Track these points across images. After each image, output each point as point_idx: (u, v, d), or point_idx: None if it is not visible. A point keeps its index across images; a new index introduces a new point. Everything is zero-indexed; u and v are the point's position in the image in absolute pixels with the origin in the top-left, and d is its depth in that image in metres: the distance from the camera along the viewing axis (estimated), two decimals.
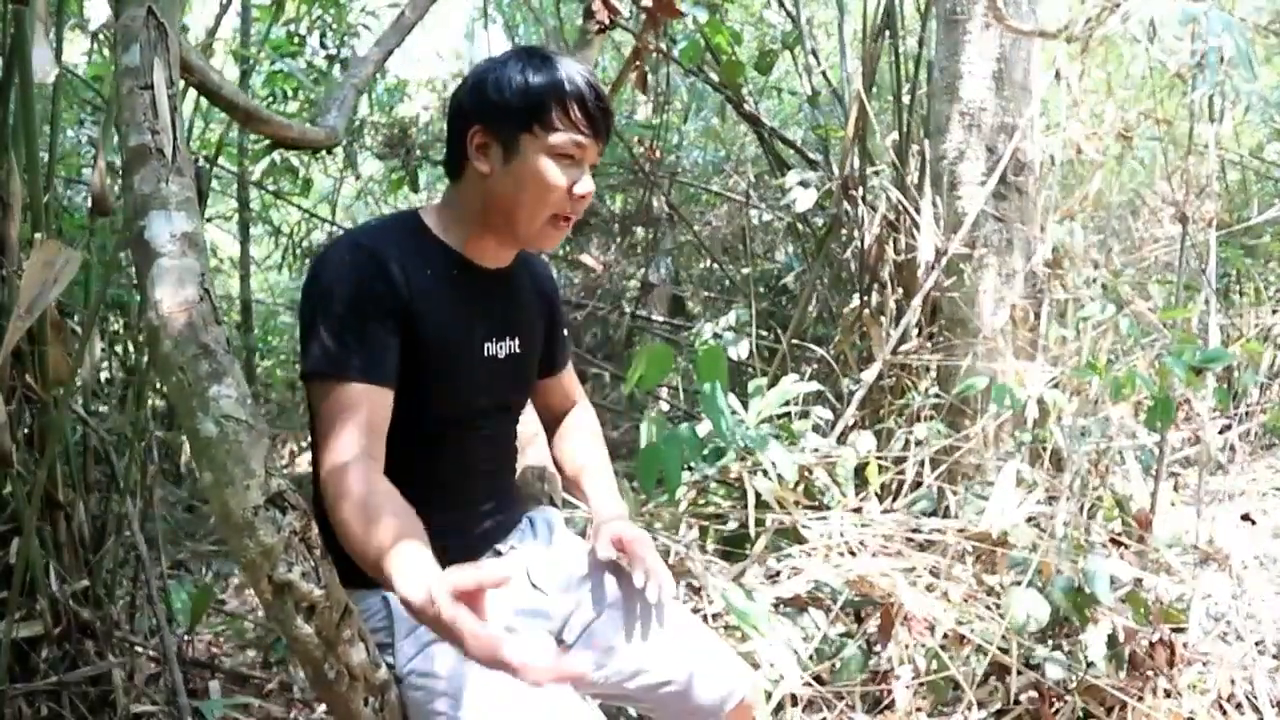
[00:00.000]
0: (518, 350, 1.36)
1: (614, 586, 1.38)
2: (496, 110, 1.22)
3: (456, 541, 1.25)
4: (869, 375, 2.92)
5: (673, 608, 1.40)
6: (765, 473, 2.18)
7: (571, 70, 1.23)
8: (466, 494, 1.33)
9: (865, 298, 3.40)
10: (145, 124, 1.07)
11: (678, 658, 1.34)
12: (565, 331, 1.56)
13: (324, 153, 5.16)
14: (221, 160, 4.15)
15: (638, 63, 2.02)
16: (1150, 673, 2.01)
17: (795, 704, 1.98)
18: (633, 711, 1.83)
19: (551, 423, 1.58)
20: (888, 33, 3.51)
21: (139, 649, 2.16)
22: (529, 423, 1.60)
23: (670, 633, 1.35)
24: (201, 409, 1.00)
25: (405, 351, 1.19)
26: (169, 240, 1.04)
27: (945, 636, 2.02)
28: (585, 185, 1.23)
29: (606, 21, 1.88)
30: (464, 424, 1.30)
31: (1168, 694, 1.99)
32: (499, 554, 1.36)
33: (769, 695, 1.95)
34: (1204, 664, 2.08)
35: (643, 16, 2.02)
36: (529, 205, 1.23)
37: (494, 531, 1.37)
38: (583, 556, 1.41)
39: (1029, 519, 2.23)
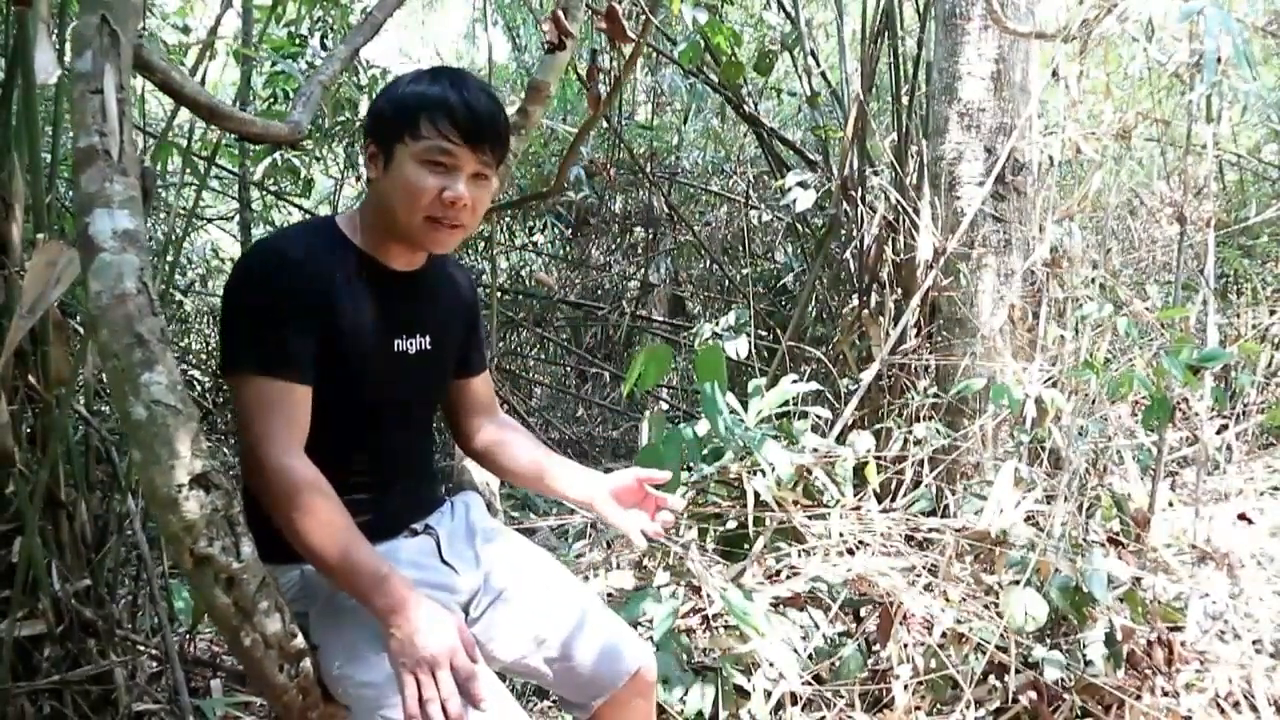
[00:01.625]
0: (429, 347, 1.45)
1: (519, 564, 1.49)
2: (380, 123, 1.34)
3: (374, 519, 1.37)
4: (868, 375, 2.93)
5: (573, 587, 1.50)
6: (764, 472, 2.19)
7: (452, 85, 1.32)
8: (384, 476, 1.43)
9: (864, 298, 3.40)
10: (94, 126, 1.12)
11: (575, 632, 1.42)
12: (484, 338, 1.66)
13: (325, 153, 5.17)
14: (222, 160, 4.15)
15: (591, 84, 2.08)
16: (1148, 671, 2.02)
17: (794, 703, 1.99)
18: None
19: (467, 425, 1.63)
20: (887, 34, 3.52)
21: (141, 648, 2.16)
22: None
23: (570, 609, 1.45)
24: (133, 394, 1.08)
25: (322, 347, 1.30)
26: (110, 237, 1.11)
27: (944, 635, 2.03)
28: (454, 191, 1.30)
29: (556, 41, 1.95)
30: (379, 413, 1.41)
31: (1166, 693, 2.00)
32: (414, 532, 1.45)
33: (769, 694, 1.96)
34: (1202, 663, 2.09)
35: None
36: (402, 209, 1.32)
37: (410, 511, 1.47)
38: (493, 535, 1.52)
39: (1027, 518, 2.24)
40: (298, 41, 4.14)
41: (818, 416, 2.65)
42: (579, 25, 1.99)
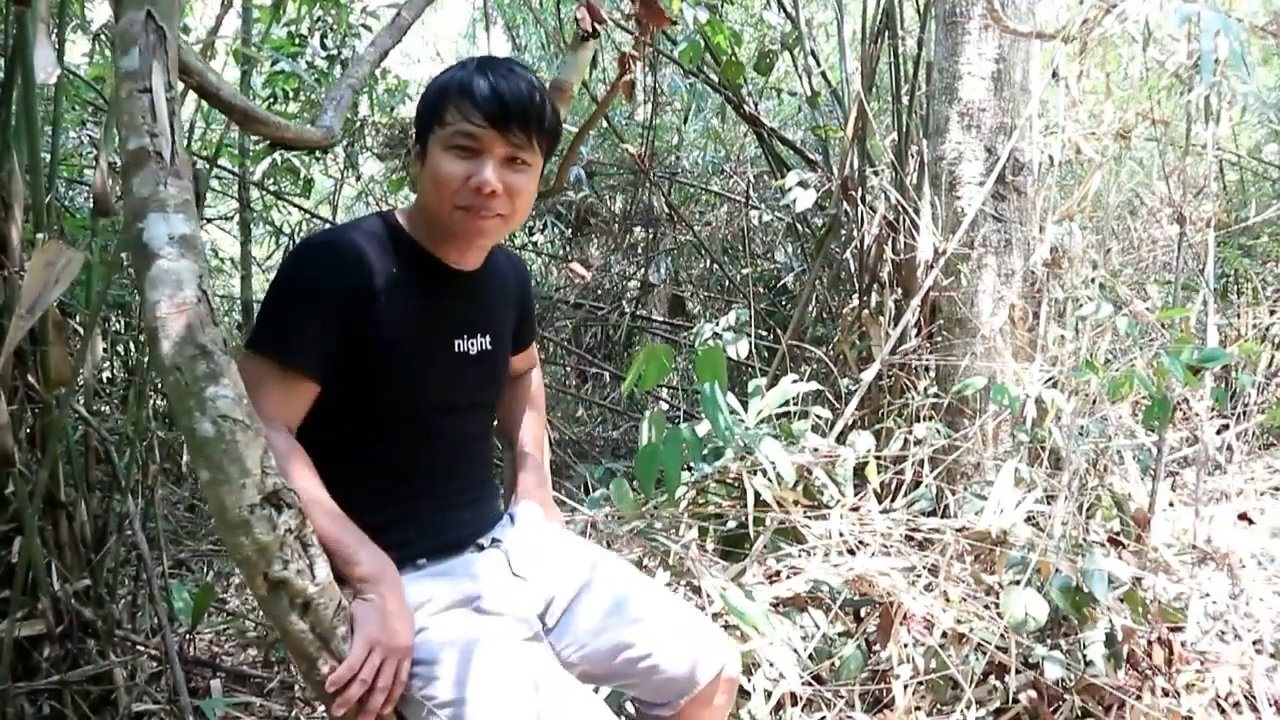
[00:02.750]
0: (489, 347, 1.42)
1: (592, 569, 1.45)
2: (418, 119, 1.33)
3: (436, 536, 1.36)
4: (868, 375, 2.93)
5: (649, 586, 1.48)
6: (764, 472, 2.19)
7: (476, 69, 1.28)
8: (444, 488, 1.39)
9: (864, 298, 3.40)
10: (144, 127, 1.08)
11: (657, 632, 1.39)
12: (533, 315, 1.67)
13: (325, 153, 5.17)
14: (222, 160, 4.15)
15: (626, 72, 2.05)
16: (1149, 672, 2.02)
17: (795, 703, 1.99)
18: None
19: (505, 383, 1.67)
20: (887, 34, 3.52)
21: (140, 648, 2.16)
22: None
23: (649, 608, 1.41)
24: (199, 409, 1.03)
25: (364, 348, 1.27)
26: (167, 243, 1.06)
27: (944, 635, 2.03)
28: (480, 177, 1.25)
29: (590, 29, 1.92)
30: (443, 417, 1.37)
31: (1166, 693, 2.00)
32: (481, 548, 1.41)
33: (769, 695, 1.96)
34: (1202, 663, 2.09)
35: (633, 22, 2.04)
36: (433, 199, 1.29)
37: (474, 525, 1.43)
38: (561, 543, 1.49)
39: (1027, 518, 2.24)
40: (298, 41, 4.14)
41: (818, 416, 2.65)
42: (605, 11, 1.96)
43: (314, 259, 1.27)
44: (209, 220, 5.48)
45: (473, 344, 1.39)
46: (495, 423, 1.66)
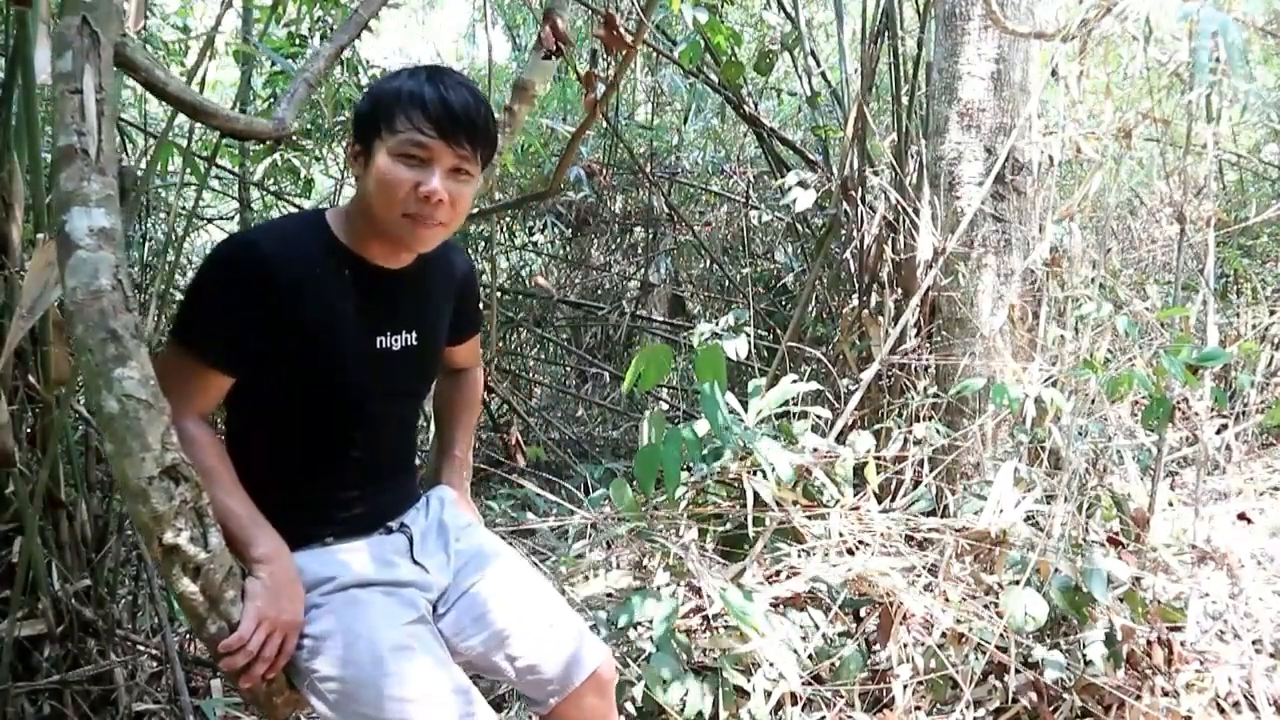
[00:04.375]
0: (415, 343, 1.46)
1: (488, 562, 1.51)
2: (360, 120, 1.35)
3: (347, 517, 1.43)
4: (868, 375, 2.93)
5: (537, 586, 1.53)
6: (764, 472, 2.19)
7: (427, 79, 1.32)
8: (359, 473, 1.44)
9: (864, 298, 3.40)
10: (73, 126, 1.15)
11: (532, 631, 1.45)
12: (479, 305, 1.72)
13: (325, 153, 5.17)
14: (222, 160, 4.15)
15: (589, 90, 2.08)
16: (1148, 671, 2.02)
17: (794, 703, 1.99)
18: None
19: (445, 377, 1.76)
20: (887, 34, 3.52)
21: (141, 648, 2.16)
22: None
23: (529, 608, 1.48)
24: (106, 387, 1.12)
25: (283, 343, 1.31)
26: (87, 234, 1.13)
27: (944, 635, 2.03)
28: (429, 185, 1.29)
29: (554, 48, 1.95)
30: (360, 410, 1.42)
31: (1166, 693, 2.00)
32: (389, 530, 1.48)
33: (769, 694, 1.96)
34: (1202, 663, 2.09)
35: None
36: (379, 204, 1.32)
37: (387, 509, 1.50)
38: (465, 534, 1.55)
39: (1027, 518, 2.24)
40: (298, 41, 4.14)
41: (818, 416, 2.65)
42: (570, 26, 1.98)
43: (234, 256, 1.31)
44: (209, 220, 5.48)
45: (396, 340, 1.44)
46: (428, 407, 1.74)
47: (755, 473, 2.22)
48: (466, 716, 1.27)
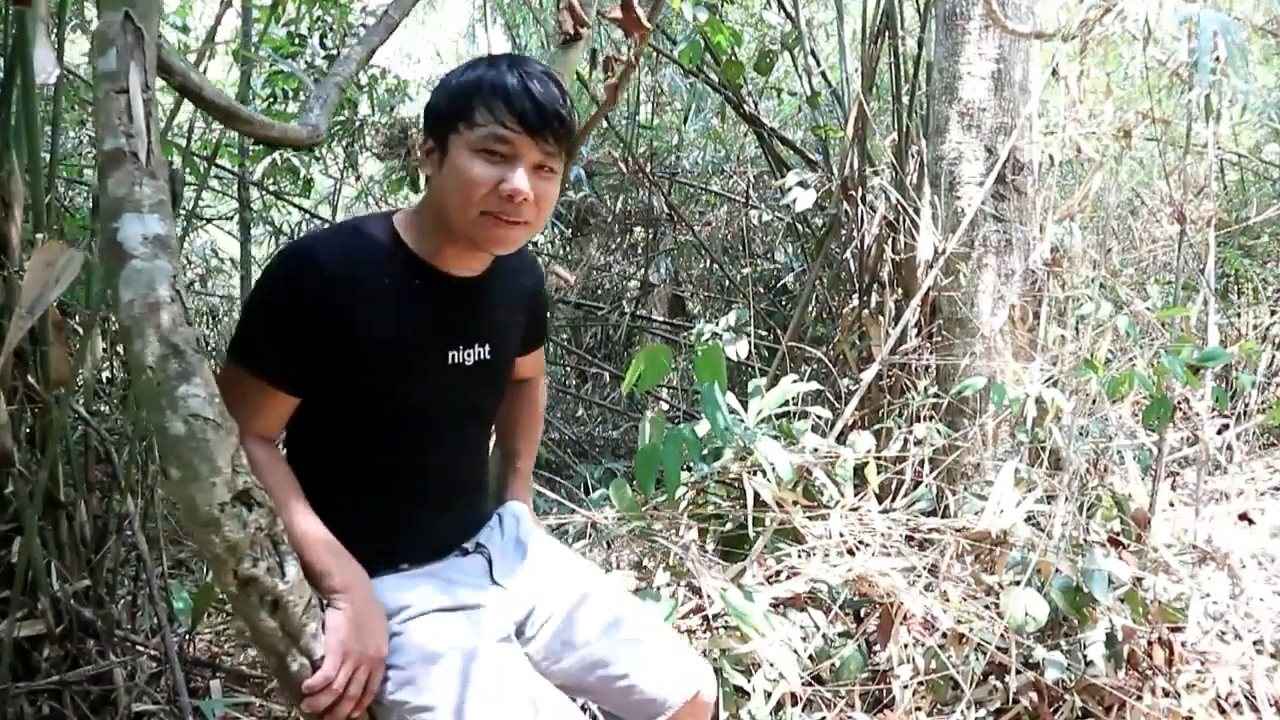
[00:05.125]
0: (487, 357, 1.37)
1: (574, 581, 1.43)
2: (434, 115, 1.26)
3: (422, 540, 1.35)
4: (868, 375, 2.93)
5: (630, 604, 1.46)
6: (764, 473, 2.19)
7: (508, 68, 1.22)
8: (433, 494, 1.37)
9: (864, 298, 3.40)
10: (120, 128, 1.08)
11: (635, 651, 1.38)
12: (547, 314, 1.64)
13: (325, 153, 5.17)
14: (222, 160, 4.15)
15: (611, 76, 2.06)
16: (1149, 672, 2.02)
17: (795, 703, 1.99)
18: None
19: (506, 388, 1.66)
20: (887, 34, 3.52)
21: (140, 648, 2.16)
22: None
23: (630, 627, 1.40)
24: (170, 407, 1.03)
25: (346, 359, 1.23)
26: (141, 243, 1.06)
27: (944, 636, 2.03)
28: (512, 183, 1.20)
29: (572, 32, 1.91)
30: (432, 428, 1.33)
31: (1166, 693, 2.00)
32: (465, 552, 1.40)
33: (769, 695, 1.96)
34: (1202, 663, 2.09)
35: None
36: (457, 203, 1.22)
37: (460, 530, 1.42)
38: (545, 552, 1.47)
39: (1028, 518, 2.24)
40: (297, 41, 4.14)
41: (818, 416, 2.65)
42: (593, 14, 1.95)
43: (296, 267, 1.23)
44: (208, 220, 5.48)
45: (469, 354, 1.34)
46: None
47: (755, 473, 2.22)
48: None
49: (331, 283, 1.21)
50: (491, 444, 1.66)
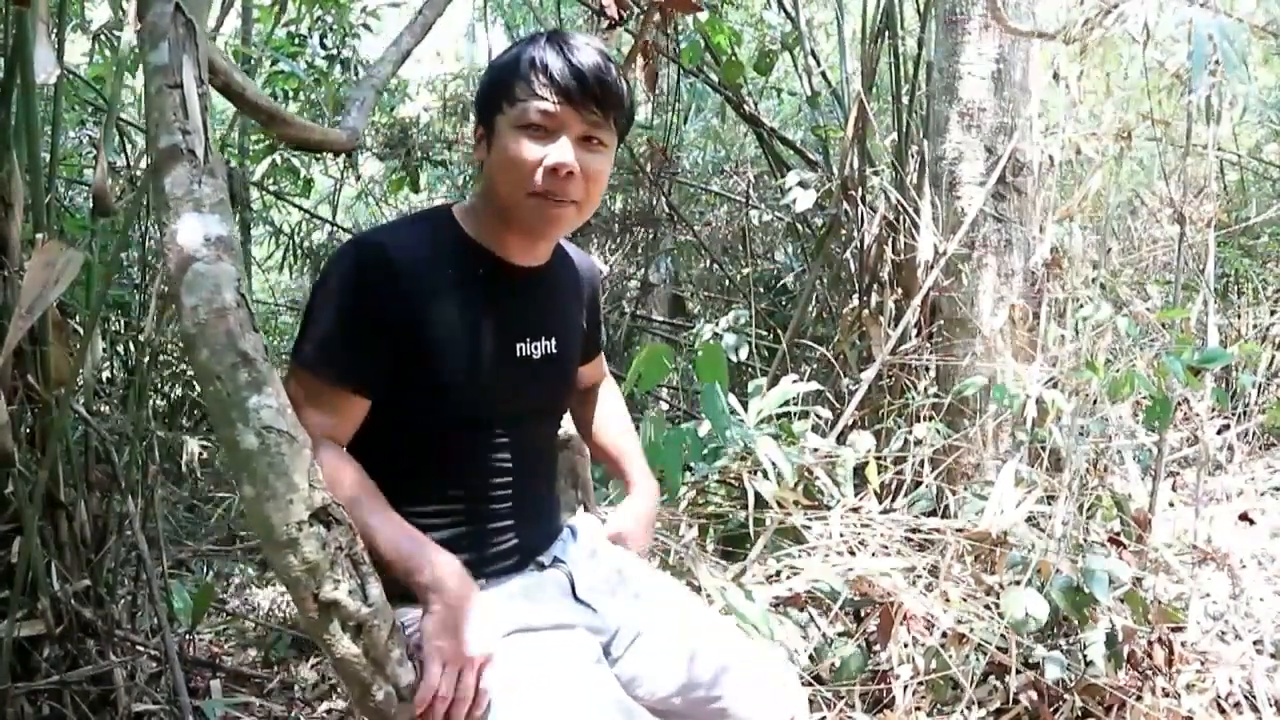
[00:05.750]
0: (554, 351, 1.31)
1: (660, 598, 1.36)
2: (480, 100, 1.23)
3: (497, 553, 1.25)
4: (868, 375, 2.93)
5: (720, 623, 1.40)
6: (765, 472, 2.19)
7: (547, 42, 1.18)
8: (505, 502, 1.27)
9: (865, 298, 3.40)
10: (175, 124, 1.02)
11: (731, 675, 1.30)
12: (601, 319, 1.56)
13: (340, 153, 5.17)
14: None
15: (647, 61, 2.00)
16: (1149, 672, 2.02)
17: None
18: None
19: (579, 401, 1.58)
20: (887, 33, 3.52)
21: (140, 648, 2.16)
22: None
23: (718, 647, 1.33)
24: (241, 420, 0.97)
25: (417, 358, 1.17)
26: (203, 244, 0.99)
27: (944, 636, 2.03)
28: (558, 157, 1.15)
29: (617, 17, 1.86)
30: (498, 426, 1.26)
31: (1166, 693, 2.00)
32: (542, 566, 1.31)
33: None
34: (1202, 663, 2.09)
35: (652, 13, 1.98)
36: (505, 184, 1.18)
37: (535, 542, 1.32)
38: (625, 567, 1.39)
39: (1028, 519, 2.24)
40: (297, 41, 4.14)
41: (818, 416, 2.65)
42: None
43: (363, 262, 1.16)
44: None
45: (536, 347, 1.28)
46: (577, 432, 1.60)
47: (756, 473, 2.22)
48: None
49: (399, 275, 1.16)
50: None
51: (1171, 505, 2.81)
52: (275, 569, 1.01)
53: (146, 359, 2.57)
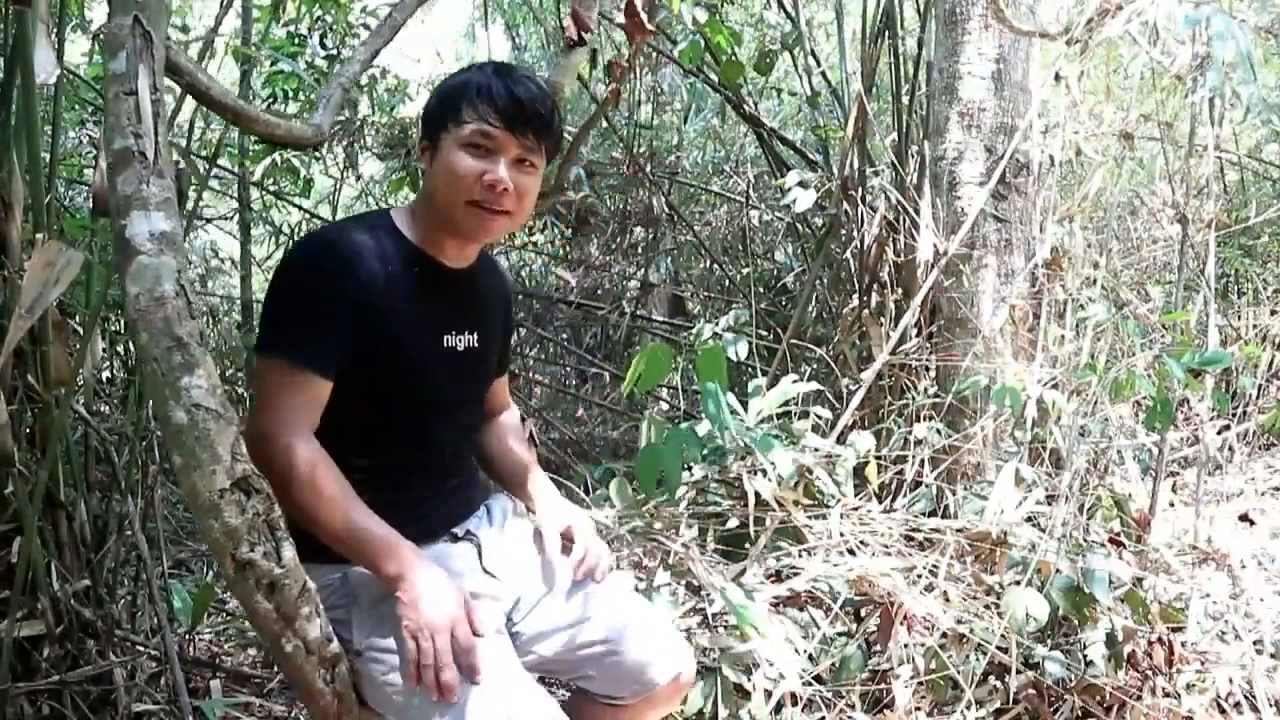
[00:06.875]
0: (476, 344, 1.47)
1: (560, 569, 1.49)
2: (427, 116, 1.39)
3: (415, 523, 1.37)
4: (868, 375, 2.93)
5: (616, 586, 1.52)
6: (765, 472, 2.19)
7: (493, 73, 1.35)
8: (426, 478, 1.44)
9: (865, 298, 3.40)
10: (129, 128, 1.13)
11: (622, 629, 1.44)
12: (514, 330, 1.73)
13: (325, 153, 5.17)
14: (222, 160, 4.15)
15: (614, 80, 2.12)
16: (1149, 672, 2.02)
17: (795, 703, 1.98)
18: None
19: (487, 424, 1.69)
20: (887, 34, 3.52)
21: (140, 648, 2.16)
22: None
23: (612, 606, 1.46)
24: (173, 398, 1.09)
25: (363, 342, 1.31)
26: (148, 239, 1.11)
27: (945, 636, 2.03)
28: (494, 174, 1.32)
29: (576, 38, 1.99)
30: (431, 411, 1.41)
31: (1166, 693, 2.00)
32: (455, 538, 1.46)
33: (769, 694, 1.96)
34: (1202, 663, 2.09)
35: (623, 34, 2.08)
36: (445, 193, 1.34)
37: (452, 516, 1.48)
38: (531, 538, 1.53)
39: (1028, 519, 2.24)
40: (297, 41, 4.14)
41: (818, 416, 2.64)
42: (595, 18, 2.01)
43: (317, 256, 1.32)
44: (208, 220, 5.48)
45: (461, 340, 1.44)
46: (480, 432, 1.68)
47: (756, 472, 2.22)
48: None
49: (350, 264, 1.30)
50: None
51: (1172, 505, 2.82)
52: (201, 531, 1.15)
53: None
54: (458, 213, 1.34)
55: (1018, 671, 1.98)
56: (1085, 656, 2.02)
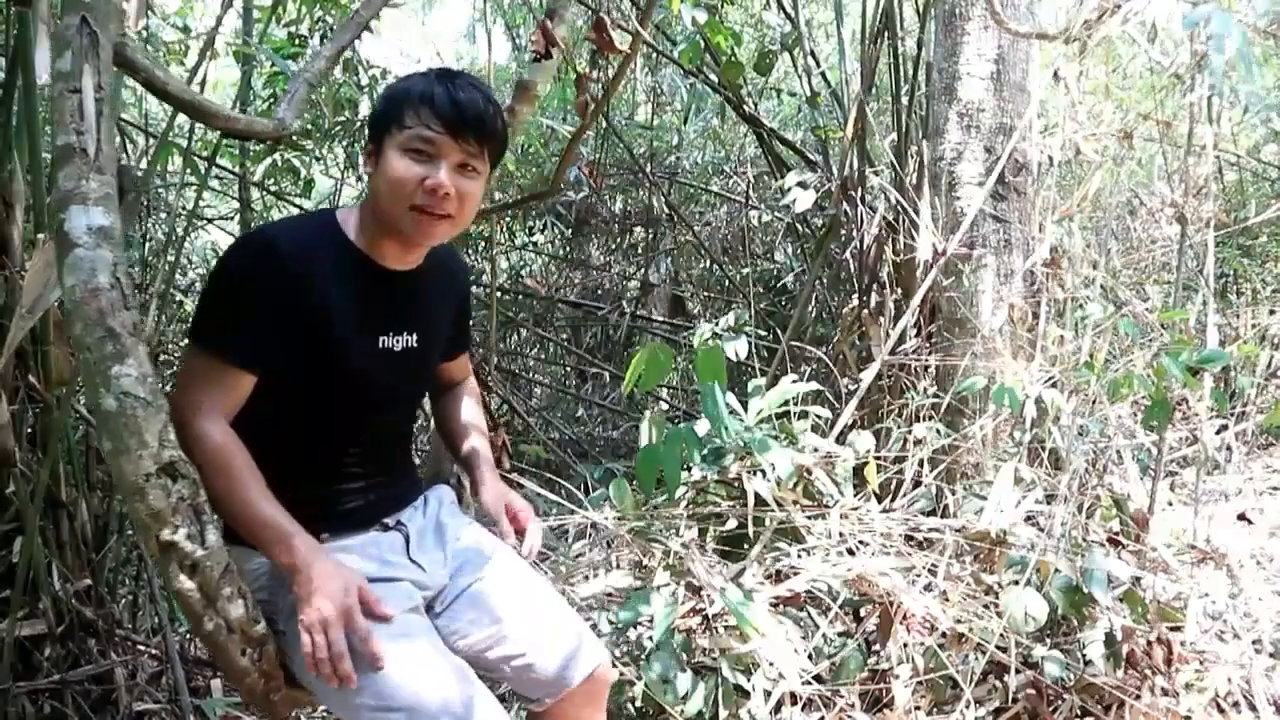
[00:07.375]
0: (416, 344, 1.48)
1: (486, 561, 1.52)
2: (373, 120, 1.40)
3: (345, 514, 1.44)
4: (868, 375, 2.93)
5: (536, 586, 1.54)
6: (764, 472, 2.19)
7: (436, 79, 1.36)
8: (358, 471, 1.46)
9: (864, 298, 3.40)
10: (72, 125, 1.16)
11: (530, 631, 1.46)
12: (470, 322, 1.75)
13: (325, 153, 5.17)
14: (222, 160, 4.15)
15: (582, 93, 2.15)
16: (1148, 671, 2.02)
17: (794, 703, 1.99)
18: None
19: (439, 396, 1.77)
20: (887, 34, 3.52)
21: (141, 647, 2.16)
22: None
23: (531, 607, 1.49)
24: (104, 385, 1.13)
25: (294, 340, 1.33)
26: (85, 233, 1.15)
27: (944, 635, 2.03)
28: (436, 178, 1.33)
29: (544, 51, 2.03)
30: (362, 408, 1.44)
31: (1165, 692, 2.00)
32: (386, 527, 1.49)
33: (768, 694, 1.96)
34: (1201, 662, 2.09)
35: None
36: (387, 198, 1.35)
37: (383, 506, 1.50)
38: (463, 534, 1.56)
39: (1027, 518, 2.24)
40: (297, 41, 4.14)
41: (818, 416, 2.65)
42: (567, 27, 2.03)
43: (252, 253, 1.34)
44: (209, 220, 5.48)
45: (398, 341, 1.46)
46: (432, 420, 1.74)
47: (755, 472, 2.22)
48: (467, 698, 1.27)
49: (286, 263, 1.32)
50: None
51: (1170, 505, 2.82)
52: (129, 514, 1.19)
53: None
54: (400, 217, 1.35)
55: (1017, 671, 1.98)
56: (1084, 656, 2.03)
